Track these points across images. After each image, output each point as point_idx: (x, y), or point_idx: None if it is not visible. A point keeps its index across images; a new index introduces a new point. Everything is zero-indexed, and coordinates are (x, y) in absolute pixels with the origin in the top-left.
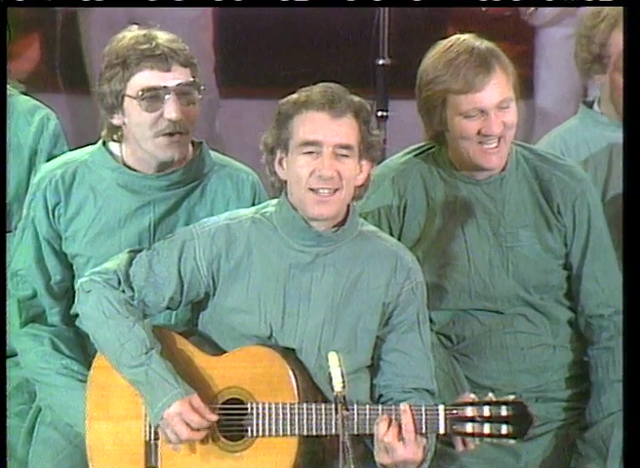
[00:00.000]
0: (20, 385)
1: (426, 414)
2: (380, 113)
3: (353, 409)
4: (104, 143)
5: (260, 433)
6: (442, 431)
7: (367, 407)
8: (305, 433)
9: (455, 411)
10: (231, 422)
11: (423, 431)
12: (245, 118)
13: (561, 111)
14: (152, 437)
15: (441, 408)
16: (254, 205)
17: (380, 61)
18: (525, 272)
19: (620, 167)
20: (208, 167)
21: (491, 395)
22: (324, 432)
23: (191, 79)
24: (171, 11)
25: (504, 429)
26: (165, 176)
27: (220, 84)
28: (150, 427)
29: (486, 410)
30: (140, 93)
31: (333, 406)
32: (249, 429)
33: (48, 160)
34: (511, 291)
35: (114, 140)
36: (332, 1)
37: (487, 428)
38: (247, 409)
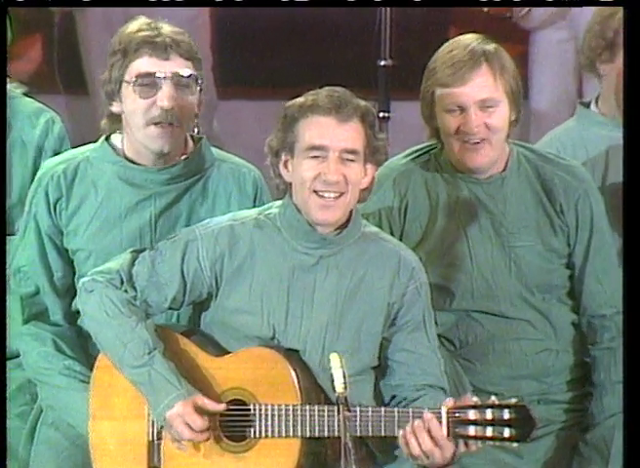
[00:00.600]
0: (22, 387)
1: None
2: (381, 114)
3: (355, 411)
4: (107, 138)
5: (263, 434)
6: (445, 434)
7: (369, 408)
8: (308, 434)
9: (457, 414)
10: (234, 423)
11: None
12: (243, 118)
13: (556, 113)
14: (155, 437)
15: (443, 410)
16: (255, 200)
17: (382, 62)
18: (527, 271)
19: (617, 165)
20: (209, 162)
21: (493, 398)
22: (326, 433)
23: (189, 70)
24: (168, 10)
25: (507, 432)
26: (166, 170)
27: (218, 84)
28: (153, 427)
29: (488, 413)
30: (135, 78)
31: (335, 407)
32: (251, 430)
33: None
34: (514, 290)
35: (113, 132)
36: (332, 1)
37: (489, 431)
38: (249, 410)
